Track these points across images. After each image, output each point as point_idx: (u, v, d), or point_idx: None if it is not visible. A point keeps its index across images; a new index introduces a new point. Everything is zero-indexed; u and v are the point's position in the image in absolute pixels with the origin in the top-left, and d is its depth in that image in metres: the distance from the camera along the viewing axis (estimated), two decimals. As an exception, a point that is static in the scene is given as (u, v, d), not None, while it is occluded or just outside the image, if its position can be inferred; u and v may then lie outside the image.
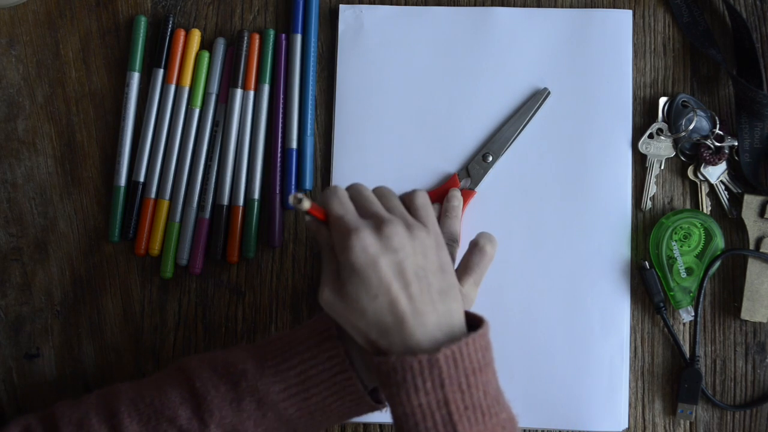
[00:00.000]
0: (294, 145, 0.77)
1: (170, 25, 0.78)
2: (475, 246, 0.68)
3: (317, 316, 0.64)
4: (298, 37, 0.78)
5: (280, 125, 0.77)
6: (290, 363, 0.62)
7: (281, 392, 0.61)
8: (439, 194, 0.75)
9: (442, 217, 0.73)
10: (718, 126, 0.75)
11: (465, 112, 0.76)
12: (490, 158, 0.75)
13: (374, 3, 0.78)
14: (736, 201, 0.75)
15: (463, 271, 0.67)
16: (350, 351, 0.61)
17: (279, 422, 0.63)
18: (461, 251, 0.70)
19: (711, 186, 0.75)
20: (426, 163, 0.76)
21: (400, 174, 0.76)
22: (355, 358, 0.61)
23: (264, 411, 0.62)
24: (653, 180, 0.75)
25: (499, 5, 0.78)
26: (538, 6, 0.78)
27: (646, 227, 0.75)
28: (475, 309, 0.69)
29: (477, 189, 0.75)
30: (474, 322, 0.59)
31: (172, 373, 0.65)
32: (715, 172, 0.75)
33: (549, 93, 0.75)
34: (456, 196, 0.73)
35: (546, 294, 0.74)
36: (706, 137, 0.75)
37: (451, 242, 0.70)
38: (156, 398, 0.63)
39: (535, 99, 0.75)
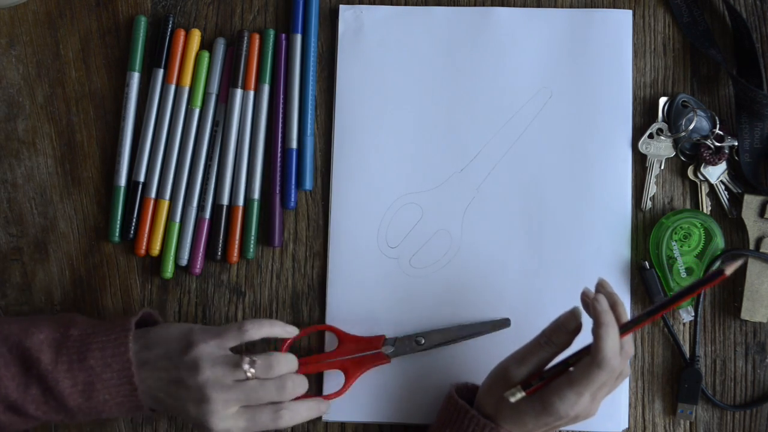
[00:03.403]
0: (294, 145, 0.77)
1: (170, 25, 0.78)
2: None
3: (122, 317, 0.68)
4: (298, 37, 0.78)
5: (280, 125, 0.77)
6: (83, 364, 0.65)
7: (69, 388, 0.64)
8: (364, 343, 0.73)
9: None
10: (718, 126, 0.75)
11: (464, 112, 0.76)
12: (423, 342, 0.73)
13: (374, 3, 0.78)
14: (736, 201, 0.75)
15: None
16: (137, 363, 0.65)
17: (58, 410, 0.65)
18: None
19: (711, 186, 0.75)
20: (425, 162, 0.76)
21: (399, 174, 0.76)
22: (140, 370, 0.65)
23: (47, 398, 0.65)
24: (653, 180, 0.75)
25: (499, 5, 0.78)
26: (538, 6, 0.77)
27: (646, 227, 0.75)
28: (476, 310, 0.68)
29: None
30: None
31: None
32: (715, 172, 0.75)
33: (510, 323, 0.73)
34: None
35: (546, 294, 0.74)
36: (706, 137, 0.75)
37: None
38: None
39: (493, 325, 0.73)
